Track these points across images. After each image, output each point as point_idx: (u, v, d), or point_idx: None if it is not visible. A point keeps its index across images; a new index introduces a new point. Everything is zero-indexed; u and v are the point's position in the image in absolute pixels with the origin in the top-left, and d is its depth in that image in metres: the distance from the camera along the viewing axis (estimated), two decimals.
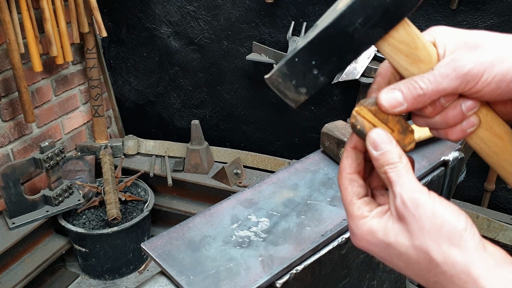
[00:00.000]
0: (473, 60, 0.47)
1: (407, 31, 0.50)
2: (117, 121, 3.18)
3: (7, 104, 2.38)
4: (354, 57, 0.51)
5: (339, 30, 0.49)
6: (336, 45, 0.50)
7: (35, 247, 2.42)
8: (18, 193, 2.30)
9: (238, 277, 0.82)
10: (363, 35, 0.49)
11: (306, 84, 0.52)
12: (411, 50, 0.50)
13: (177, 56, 2.82)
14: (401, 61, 0.51)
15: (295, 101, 0.54)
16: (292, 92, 0.53)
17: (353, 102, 2.41)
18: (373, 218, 0.49)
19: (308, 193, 1.05)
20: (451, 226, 0.44)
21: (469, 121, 0.50)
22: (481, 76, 0.46)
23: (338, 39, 0.50)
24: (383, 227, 0.48)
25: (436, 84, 0.47)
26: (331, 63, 0.51)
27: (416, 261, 0.46)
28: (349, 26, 0.49)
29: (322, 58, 0.51)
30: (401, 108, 0.49)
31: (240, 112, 2.83)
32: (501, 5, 2.00)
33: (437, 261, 0.44)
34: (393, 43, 0.50)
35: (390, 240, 0.47)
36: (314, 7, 2.35)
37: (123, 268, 2.58)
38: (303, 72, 0.52)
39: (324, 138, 1.18)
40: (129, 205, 2.69)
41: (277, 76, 0.53)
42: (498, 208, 2.36)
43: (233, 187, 2.65)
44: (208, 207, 1.00)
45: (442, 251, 0.44)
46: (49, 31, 2.33)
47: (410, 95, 0.48)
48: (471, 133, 0.51)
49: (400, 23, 0.50)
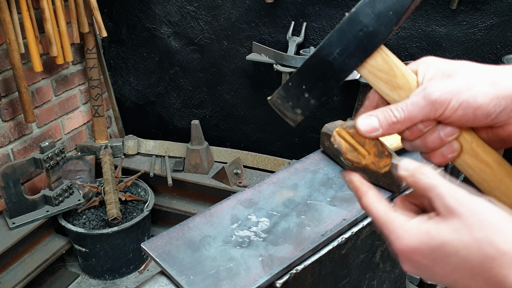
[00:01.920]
0: (442, 87, 0.50)
1: (384, 60, 0.55)
2: (117, 121, 3.18)
3: (7, 104, 2.38)
4: (336, 83, 0.57)
5: (321, 59, 0.56)
6: (320, 73, 0.57)
7: (35, 247, 2.42)
8: (18, 193, 2.30)
9: (238, 277, 0.83)
10: (341, 63, 0.55)
11: (300, 105, 0.59)
12: (389, 77, 0.55)
13: (177, 56, 2.82)
14: (382, 87, 0.55)
15: (293, 120, 0.60)
16: (290, 113, 0.60)
17: (353, 102, 2.41)
18: (420, 221, 0.48)
19: (308, 193, 1.05)
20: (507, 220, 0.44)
21: (449, 146, 0.53)
22: (448, 103, 0.49)
23: (321, 67, 0.56)
24: (435, 226, 0.46)
25: (408, 112, 0.51)
26: (318, 88, 0.57)
27: (477, 255, 0.44)
28: (329, 56, 0.55)
29: (310, 83, 0.57)
30: (376, 133, 0.53)
31: (240, 112, 2.83)
32: (501, 5, 2.00)
33: (504, 249, 0.43)
34: (372, 71, 0.55)
35: (444, 236, 0.45)
36: (314, 7, 2.35)
37: (123, 268, 2.58)
38: (297, 95, 0.59)
39: (324, 138, 1.18)
40: (129, 205, 2.69)
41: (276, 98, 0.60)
42: None
43: (233, 187, 2.65)
44: (208, 207, 1.00)
45: (508, 239, 0.43)
46: (49, 31, 2.33)
47: (385, 122, 0.52)
48: (453, 159, 0.53)
49: (377, 52, 0.55)
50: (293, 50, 2.38)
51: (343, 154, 0.56)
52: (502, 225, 0.44)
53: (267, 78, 2.63)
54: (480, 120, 0.49)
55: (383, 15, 0.53)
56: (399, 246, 0.48)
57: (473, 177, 0.54)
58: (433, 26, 2.16)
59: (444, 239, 0.45)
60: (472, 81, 0.49)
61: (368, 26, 0.53)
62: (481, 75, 0.50)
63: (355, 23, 0.54)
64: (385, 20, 0.53)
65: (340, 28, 0.54)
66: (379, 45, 0.54)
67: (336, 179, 1.11)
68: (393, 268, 1.22)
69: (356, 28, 0.54)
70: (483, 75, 0.50)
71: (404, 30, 2.22)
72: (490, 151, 0.54)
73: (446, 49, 2.17)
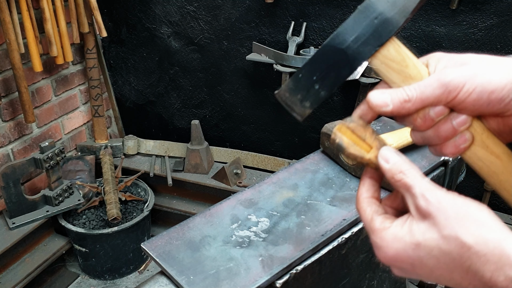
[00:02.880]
0: (456, 72, 0.50)
1: (397, 50, 0.55)
2: (117, 121, 3.18)
3: (7, 104, 2.38)
4: (349, 72, 0.57)
5: (334, 47, 0.56)
6: (333, 62, 0.56)
7: (35, 247, 2.42)
8: (18, 193, 2.30)
9: (238, 277, 0.82)
10: (355, 51, 0.55)
11: (309, 98, 0.59)
12: (402, 68, 0.55)
13: (177, 56, 2.82)
14: (393, 78, 0.55)
15: (300, 115, 0.60)
16: (298, 106, 0.60)
17: (353, 102, 2.41)
18: (396, 226, 0.51)
19: (308, 193, 1.05)
20: (476, 212, 0.46)
21: (461, 136, 0.53)
22: (462, 86, 0.49)
23: (334, 55, 0.56)
24: (408, 230, 0.49)
25: (420, 92, 0.51)
26: (329, 78, 0.57)
27: (448, 251, 0.46)
28: (343, 44, 0.55)
29: (322, 73, 0.57)
30: (386, 108, 0.53)
31: (240, 112, 2.83)
32: (501, 5, 2.00)
33: (469, 243, 0.44)
34: (384, 61, 0.55)
35: (418, 239, 0.48)
36: (314, 7, 2.35)
37: (123, 268, 2.58)
38: (307, 87, 0.58)
39: (324, 138, 1.18)
40: (129, 205, 2.69)
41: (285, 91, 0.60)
42: (498, 208, 2.36)
43: (233, 187, 2.65)
44: (208, 207, 1.00)
45: (471, 232, 0.45)
46: (49, 31, 2.33)
47: (397, 99, 0.52)
48: (465, 149, 0.54)
49: (390, 43, 0.55)
50: (293, 50, 2.38)
51: (345, 148, 0.55)
52: (467, 219, 0.46)
53: (267, 78, 2.63)
54: (493, 106, 0.49)
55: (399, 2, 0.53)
56: (379, 255, 0.52)
57: (483, 170, 0.55)
58: (433, 26, 2.16)
59: (417, 241, 0.48)
60: (485, 68, 0.50)
61: (383, 13, 0.54)
62: (494, 63, 0.50)
63: (371, 10, 0.54)
64: (401, 8, 0.53)
65: (355, 16, 0.55)
66: (394, 33, 0.54)
67: (336, 179, 1.11)
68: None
69: (371, 15, 0.54)
70: (496, 63, 0.50)
71: (404, 30, 2.22)
72: (499, 143, 0.54)
73: (446, 49, 2.17)
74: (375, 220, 0.53)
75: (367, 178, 0.57)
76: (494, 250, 0.43)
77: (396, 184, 0.51)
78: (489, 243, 0.44)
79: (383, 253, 0.51)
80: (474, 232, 0.45)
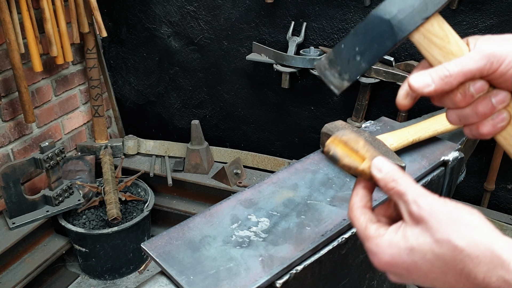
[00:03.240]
0: (497, 45, 0.50)
1: (441, 27, 0.55)
2: (117, 121, 3.18)
3: (7, 104, 2.38)
4: (392, 44, 0.56)
5: (380, 17, 0.56)
6: (378, 33, 0.56)
7: (35, 247, 2.42)
8: (18, 193, 2.30)
9: (238, 277, 0.82)
10: (401, 22, 0.55)
11: (349, 70, 0.58)
12: (444, 43, 0.54)
13: (177, 56, 2.82)
14: (435, 53, 0.55)
15: (338, 87, 0.60)
16: (337, 79, 0.59)
17: (353, 102, 2.41)
18: (390, 233, 0.51)
19: (308, 193, 1.05)
20: (467, 216, 0.47)
21: (499, 114, 0.52)
22: (504, 58, 0.49)
23: (379, 26, 0.56)
24: (402, 236, 0.50)
25: (461, 65, 0.51)
26: (372, 49, 0.57)
27: (441, 255, 0.47)
28: (389, 14, 0.55)
29: (365, 44, 0.57)
30: (429, 88, 0.52)
31: (240, 112, 2.83)
32: (501, 5, 2.00)
33: (461, 246, 0.45)
34: (428, 36, 0.55)
35: (412, 244, 0.49)
36: (314, 7, 2.35)
37: (123, 268, 2.58)
38: (347, 59, 0.58)
39: (324, 138, 1.18)
40: (129, 205, 2.69)
41: (324, 62, 0.59)
42: (498, 208, 2.36)
43: (233, 187, 2.65)
44: (208, 207, 1.00)
45: (463, 236, 0.45)
46: (49, 31, 2.33)
47: (437, 76, 0.51)
48: (501, 128, 0.53)
49: (435, 18, 0.55)
50: (293, 50, 2.38)
51: (339, 160, 0.56)
52: (458, 223, 0.46)
53: (267, 78, 2.63)
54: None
55: None
56: (375, 261, 0.53)
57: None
58: None
59: (411, 246, 0.49)
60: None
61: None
62: None
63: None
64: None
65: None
66: (440, 6, 0.54)
67: (336, 179, 1.11)
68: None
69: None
70: None
71: None
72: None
73: None
74: (369, 228, 0.54)
75: (360, 188, 0.58)
76: (485, 252, 0.44)
77: (389, 193, 0.52)
78: (480, 245, 0.45)
79: (378, 259, 0.52)
80: (465, 235, 0.45)
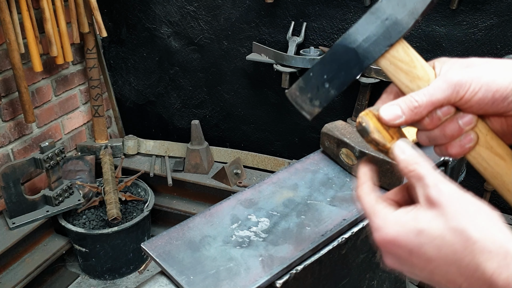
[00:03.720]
0: (462, 73, 0.52)
1: (406, 52, 0.57)
2: (117, 121, 3.18)
3: (7, 104, 2.38)
4: (359, 71, 0.59)
5: (345, 46, 0.58)
6: (344, 61, 0.59)
7: (35, 247, 2.42)
8: (18, 193, 2.30)
9: (238, 277, 0.82)
10: (366, 51, 0.57)
11: (319, 96, 0.60)
12: (410, 68, 0.57)
13: (177, 56, 2.82)
14: (402, 78, 0.57)
15: (310, 113, 0.62)
16: (308, 105, 0.61)
17: (353, 102, 2.41)
18: (401, 212, 0.51)
19: (308, 193, 1.05)
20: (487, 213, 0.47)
21: (466, 136, 0.54)
22: (469, 85, 0.51)
23: (345, 55, 0.58)
24: (413, 217, 0.49)
25: (429, 95, 0.53)
26: (340, 77, 0.59)
27: (451, 243, 0.46)
28: (354, 43, 0.58)
29: (333, 72, 0.59)
30: (400, 120, 0.54)
31: (240, 112, 2.83)
32: (501, 5, 2.00)
33: (475, 238, 0.45)
34: (393, 62, 0.57)
35: (423, 226, 0.48)
36: (314, 7, 2.35)
37: (123, 268, 2.58)
38: (317, 86, 0.60)
39: (324, 138, 1.18)
40: (129, 205, 2.69)
41: (295, 89, 0.62)
42: (498, 208, 2.35)
43: (233, 187, 2.65)
44: (208, 207, 1.00)
45: (480, 228, 0.45)
46: (49, 31, 2.33)
47: (407, 108, 0.54)
48: (470, 149, 0.55)
49: (399, 44, 0.57)
50: (293, 50, 2.38)
51: (370, 133, 0.55)
52: (476, 215, 0.46)
53: (267, 78, 2.63)
54: (497, 104, 0.51)
55: (409, 5, 0.55)
56: (378, 237, 0.52)
57: (487, 171, 0.55)
58: (433, 26, 2.16)
59: (421, 228, 0.48)
60: (489, 68, 0.52)
61: (393, 15, 0.56)
62: (497, 64, 0.53)
63: (382, 12, 0.56)
64: (410, 10, 0.56)
65: (367, 17, 0.57)
66: (403, 33, 0.56)
67: (336, 179, 1.11)
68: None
69: (382, 16, 0.56)
70: (498, 64, 0.53)
71: None
72: (503, 144, 0.55)
73: (446, 49, 2.17)
74: (379, 204, 0.53)
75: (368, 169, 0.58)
76: (499, 249, 0.44)
77: (409, 174, 0.52)
78: (496, 241, 0.44)
79: (382, 234, 0.51)
80: (482, 229, 0.45)
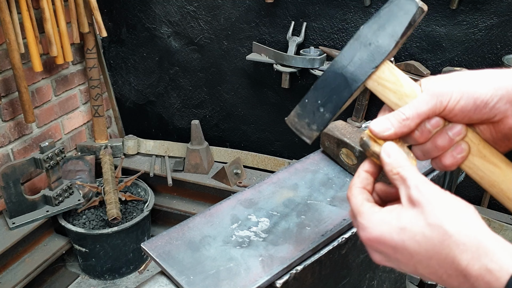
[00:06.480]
0: (443, 83, 0.56)
1: (391, 72, 0.61)
2: (117, 121, 3.18)
3: (7, 104, 2.38)
4: (349, 94, 0.62)
5: (334, 72, 0.62)
6: (335, 85, 0.62)
7: (35, 247, 2.42)
8: (18, 193, 2.30)
9: (238, 277, 0.82)
10: (353, 74, 0.61)
11: (316, 121, 0.64)
12: (397, 87, 0.60)
13: (177, 56, 2.82)
14: (390, 97, 0.60)
15: (309, 137, 0.66)
16: (306, 130, 0.66)
17: (353, 102, 2.41)
18: (384, 212, 0.54)
19: (308, 193, 1.05)
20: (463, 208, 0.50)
21: (457, 146, 0.57)
22: (450, 94, 0.55)
23: (334, 80, 0.62)
24: (396, 216, 0.53)
25: (415, 108, 0.56)
26: (332, 101, 0.63)
27: (430, 238, 0.49)
28: (342, 68, 0.62)
29: (325, 97, 0.63)
30: (389, 132, 0.58)
31: (240, 112, 2.83)
32: (501, 5, 2.00)
33: (451, 232, 0.48)
34: (380, 82, 0.61)
35: (404, 224, 0.51)
36: (314, 7, 2.35)
37: (123, 268, 2.58)
38: (312, 111, 0.64)
39: (324, 138, 1.18)
40: (129, 205, 2.69)
41: (293, 116, 0.66)
42: (498, 208, 2.36)
43: (233, 187, 2.65)
44: (208, 207, 1.00)
45: (454, 223, 0.48)
46: (49, 31, 2.33)
47: (395, 121, 0.57)
48: (462, 159, 0.57)
49: (384, 65, 0.61)
50: (293, 50, 2.38)
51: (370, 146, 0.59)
52: (453, 211, 0.49)
53: (267, 78, 2.63)
54: (480, 111, 0.54)
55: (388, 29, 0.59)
56: (364, 235, 0.55)
57: (484, 180, 0.57)
58: (433, 26, 2.16)
59: (403, 225, 0.51)
60: (469, 78, 0.55)
61: (375, 39, 0.60)
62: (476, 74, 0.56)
63: (364, 37, 0.60)
64: (390, 33, 0.59)
65: (351, 43, 0.61)
66: (386, 56, 0.60)
67: (336, 179, 1.11)
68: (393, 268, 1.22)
69: (365, 41, 0.60)
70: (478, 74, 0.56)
71: None
72: (496, 152, 0.56)
73: (446, 49, 2.17)
74: (364, 205, 0.56)
75: (362, 171, 0.61)
76: (472, 241, 0.47)
77: (393, 177, 0.55)
78: (470, 234, 0.47)
79: (368, 233, 0.54)
80: (457, 223, 0.48)
